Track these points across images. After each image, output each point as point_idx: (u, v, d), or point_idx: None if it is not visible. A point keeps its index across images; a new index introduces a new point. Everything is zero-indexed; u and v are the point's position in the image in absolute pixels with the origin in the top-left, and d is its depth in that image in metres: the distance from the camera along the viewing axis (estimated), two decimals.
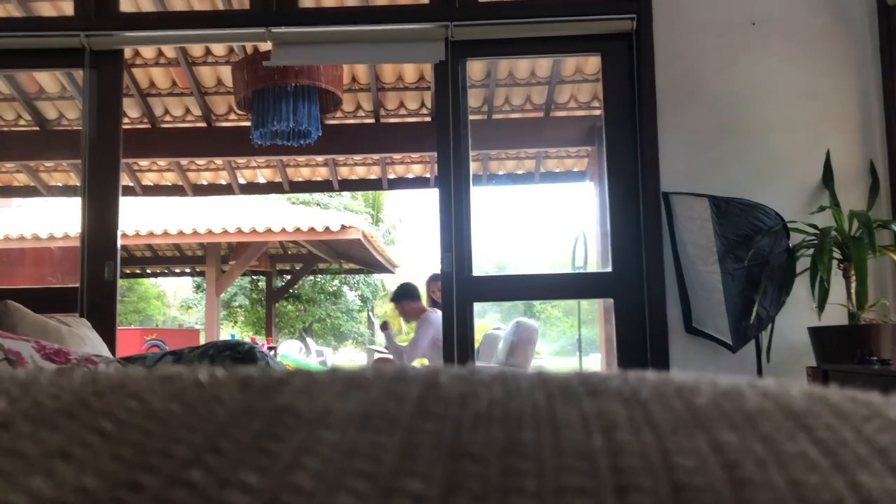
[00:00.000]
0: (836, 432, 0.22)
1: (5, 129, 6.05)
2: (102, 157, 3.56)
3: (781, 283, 2.92)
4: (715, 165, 3.29)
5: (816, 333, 2.90)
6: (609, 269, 3.46)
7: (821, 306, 2.76)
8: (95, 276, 3.45)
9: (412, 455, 0.19)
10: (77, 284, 3.45)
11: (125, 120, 5.17)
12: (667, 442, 0.20)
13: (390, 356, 5.65)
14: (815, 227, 2.95)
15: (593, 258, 6.43)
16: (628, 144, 3.40)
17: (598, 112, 5.84)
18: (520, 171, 7.45)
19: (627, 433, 0.21)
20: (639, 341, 3.32)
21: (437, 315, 5.13)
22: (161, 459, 0.20)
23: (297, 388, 0.24)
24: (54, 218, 9.00)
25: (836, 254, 2.89)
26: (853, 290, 2.85)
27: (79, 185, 3.64)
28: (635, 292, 3.35)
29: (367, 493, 0.18)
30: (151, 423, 0.22)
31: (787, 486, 0.19)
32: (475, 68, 5.50)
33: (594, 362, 10.98)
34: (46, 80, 5.48)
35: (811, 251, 2.86)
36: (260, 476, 0.19)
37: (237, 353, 2.02)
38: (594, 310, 9.48)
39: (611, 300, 3.55)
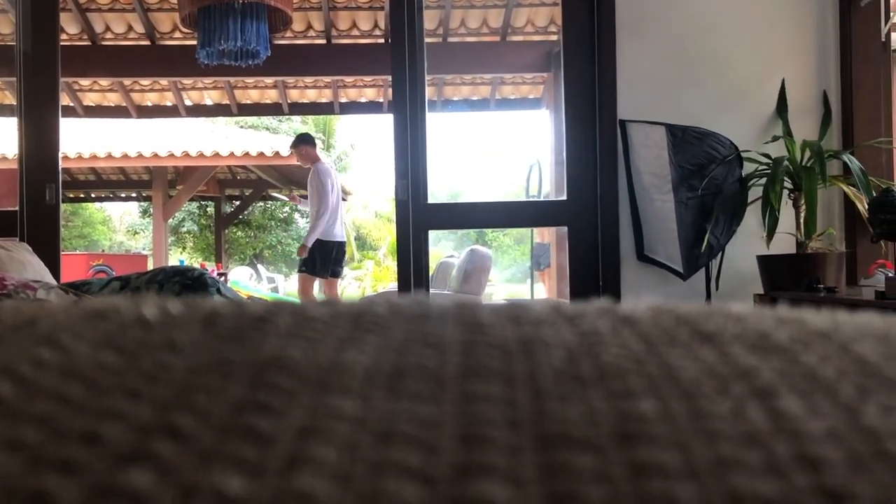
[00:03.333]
0: None
1: None
2: (39, 75, 3.38)
3: (733, 213, 2.96)
4: (672, 93, 3.27)
5: (765, 262, 2.96)
6: (564, 197, 3.46)
7: (770, 235, 2.80)
8: (36, 199, 3.32)
9: (481, 438, 0.12)
10: (16, 208, 3.32)
11: (63, 36, 4.90)
12: (863, 416, 0.14)
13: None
14: (768, 156, 2.97)
15: (547, 187, 6.44)
16: (586, 71, 3.36)
17: (555, 37, 5.75)
18: (475, 98, 7.35)
19: (793, 400, 0.14)
20: (591, 268, 3.35)
21: (325, 166, 6.02)
22: (84, 450, 0.12)
23: (284, 329, 0.17)
24: None
25: (787, 183, 2.92)
26: (802, 220, 2.90)
27: (15, 104, 3.46)
28: (589, 220, 3.36)
29: None
30: (73, 385, 0.14)
31: None
32: None
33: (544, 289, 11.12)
34: None
35: (763, 181, 2.88)
36: (246, 478, 0.11)
37: (187, 278, 1.97)
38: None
39: (564, 228, 3.55)
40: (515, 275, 20.39)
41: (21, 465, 0.12)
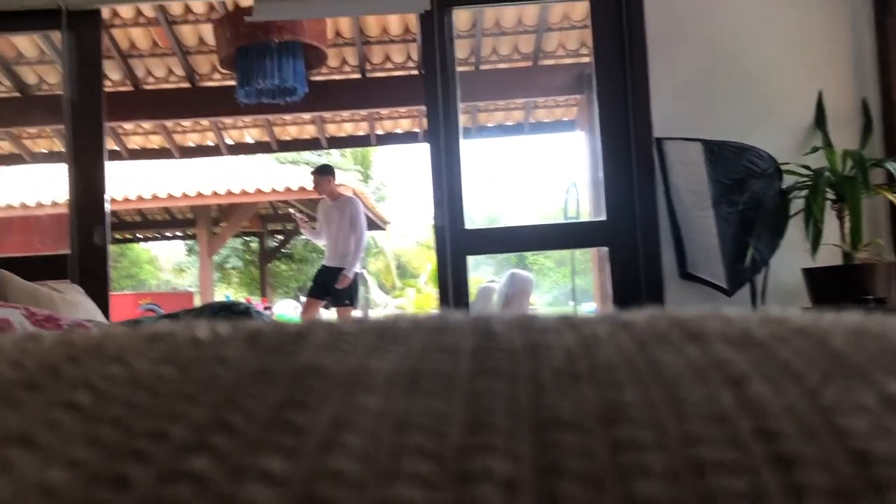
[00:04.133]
0: None
1: None
2: (85, 122, 3.50)
3: (775, 226, 2.92)
4: (707, 109, 3.25)
5: (810, 274, 2.91)
6: (603, 217, 3.45)
7: (815, 247, 2.76)
8: (85, 241, 3.42)
9: (484, 426, 0.15)
10: (67, 251, 3.42)
11: (107, 83, 5.06)
12: (822, 397, 0.16)
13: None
14: (808, 168, 2.93)
15: (585, 207, 6.42)
16: (619, 91, 3.36)
17: (586, 59, 5.76)
18: (509, 123, 7.38)
19: (762, 386, 0.16)
20: (634, 288, 3.32)
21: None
22: (153, 444, 0.15)
23: (318, 342, 0.19)
24: (40, 185, 8.90)
25: (830, 194, 2.88)
26: (847, 230, 2.85)
27: (63, 150, 3.58)
28: (630, 240, 3.34)
29: (436, 480, 0.13)
30: (139, 393, 0.17)
31: None
32: (461, 18, 5.41)
33: (589, 311, 11.03)
34: (25, 44, 5.37)
35: (805, 193, 2.85)
36: (286, 461, 0.14)
37: (233, 313, 2.02)
38: (587, 259, 9.50)
39: (605, 248, 3.54)
40: (558, 297, 20.26)
41: (102, 457, 0.14)
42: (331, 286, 6.23)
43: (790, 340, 0.19)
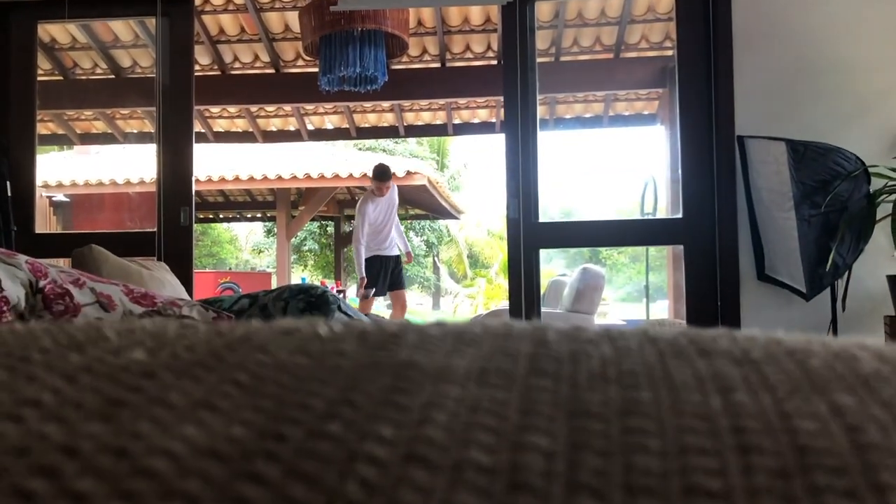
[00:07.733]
0: None
1: (83, 77, 6.23)
2: (175, 104, 3.63)
3: (860, 230, 2.83)
4: (793, 107, 3.17)
5: None
6: (680, 214, 3.40)
7: None
8: (171, 220, 3.56)
9: (533, 412, 0.20)
10: (154, 229, 3.57)
11: (196, 67, 5.24)
12: (785, 404, 0.21)
13: None
14: None
15: (663, 204, 6.31)
16: (702, 86, 3.30)
17: (670, 53, 5.66)
18: (588, 115, 7.31)
19: (744, 395, 0.21)
20: (709, 288, 3.27)
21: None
22: (299, 412, 0.21)
23: (413, 343, 0.26)
24: (131, 164, 9.26)
25: None
26: None
27: (153, 131, 3.73)
28: (707, 239, 3.29)
29: (497, 448, 0.19)
30: (283, 376, 0.23)
31: None
32: (543, 9, 5.38)
33: (661, 309, 10.86)
34: (121, 28, 5.60)
35: (893, 196, 2.75)
36: (394, 429, 0.20)
37: (311, 296, 2.08)
38: (662, 256, 9.35)
39: (681, 246, 3.49)
40: (631, 294, 19.98)
41: (265, 419, 0.21)
42: (395, 272, 6.42)
43: (777, 360, 0.24)
